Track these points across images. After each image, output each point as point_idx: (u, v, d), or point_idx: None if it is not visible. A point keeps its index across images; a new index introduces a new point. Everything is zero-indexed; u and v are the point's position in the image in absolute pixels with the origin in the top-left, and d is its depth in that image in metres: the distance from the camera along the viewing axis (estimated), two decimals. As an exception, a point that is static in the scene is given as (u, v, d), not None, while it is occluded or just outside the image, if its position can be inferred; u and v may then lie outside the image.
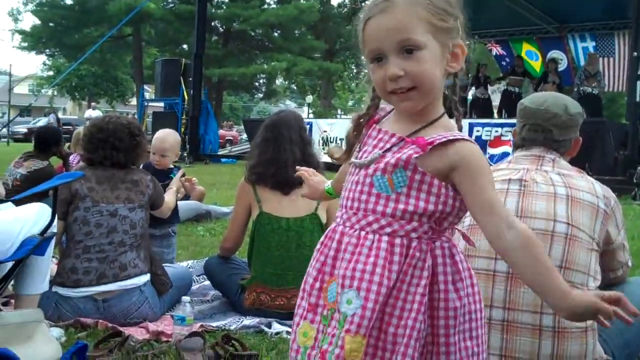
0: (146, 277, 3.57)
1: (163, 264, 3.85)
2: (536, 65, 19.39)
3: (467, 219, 2.44)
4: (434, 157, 1.58)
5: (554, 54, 19.18)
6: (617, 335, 2.40)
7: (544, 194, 2.38)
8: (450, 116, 1.70)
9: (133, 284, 3.51)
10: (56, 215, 3.15)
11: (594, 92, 14.67)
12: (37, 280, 3.13)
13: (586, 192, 2.39)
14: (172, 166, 5.02)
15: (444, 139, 1.58)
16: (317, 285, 1.67)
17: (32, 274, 3.10)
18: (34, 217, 3.06)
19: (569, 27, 19.52)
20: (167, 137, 4.94)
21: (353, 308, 1.57)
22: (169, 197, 4.12)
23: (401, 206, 1.60)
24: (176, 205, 4.35)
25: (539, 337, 2.19)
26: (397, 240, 1.59)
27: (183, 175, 4.63)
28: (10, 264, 3.00)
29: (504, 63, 20.73)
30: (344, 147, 1.81)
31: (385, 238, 1.60)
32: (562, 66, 18.64)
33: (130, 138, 3.72)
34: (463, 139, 1.60)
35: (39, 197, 3.43)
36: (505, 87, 17.05)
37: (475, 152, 1.61)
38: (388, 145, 1.64)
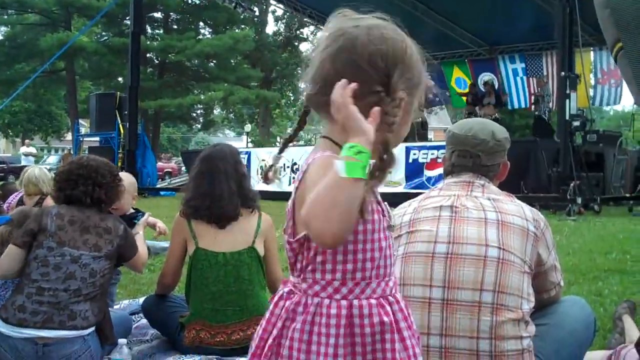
0: (92, 328, 3.43)
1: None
2: (463, 93, 19.77)
3: (402, 247, 2.47)
4: None
5: (486, 76, 19.65)
6: (554, 354, 2.44)
7: (475, 219, 2.42)
8: None
9: (78, 333, 3.37)
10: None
11: (542, 115, 15.30)
12: None
13: (516, 215, 2.44)
14: (132, 210, 4.71)
15: None
16: None
17: None
18: None
19: (499, 49, 20.04)
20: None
21: None
22: (141, 247, 3.86)
23: None
24: None
25: (477, 362, 2.22)
26: None
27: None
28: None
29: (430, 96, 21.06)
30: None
31: None
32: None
33: (112, 176, 3.64)
34: None
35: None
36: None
37: None
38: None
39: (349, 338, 1.49)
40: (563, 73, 11.95)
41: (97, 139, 21.61)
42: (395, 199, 2.73)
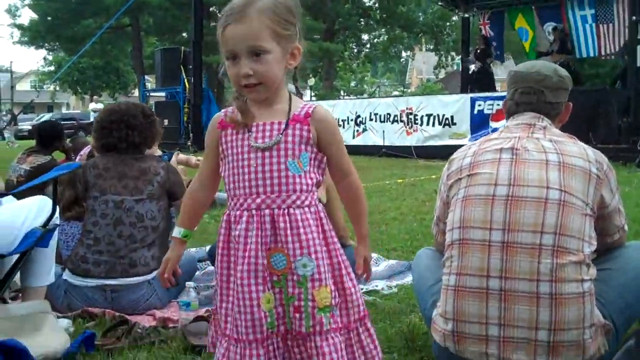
0: (155, 272, 3.49)
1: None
2: (525, 45, 19.21)
3: (462, 191, 2.46)
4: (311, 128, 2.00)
5: (549, 25, 19.06)
6: (617, 298, 2.40)
7: (536, 161, 2.39)
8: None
9: (142, 279, 3.48)
10: (57, 207, 3.18)
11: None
12: (42, 272, 3.17)
13: (578, 157, 2.40)
14: (159, 153, 4.78)
15: (309, 108, 2.03)
16: (259, 261, 1.96)
17: (37, 266, 3.13)
18: (36, 209, 3.08)
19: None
20: None
21: (310, 269, 1.97)
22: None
23: (309, 181, 2.00)
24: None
25: (537, 305, 2.21)
26: (313, 209, 2.00)
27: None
28: (14, 258, 3.03)
29: (494, 44, 20.52)
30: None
31: (310, 210, 1.99)
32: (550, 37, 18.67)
33: (144, 117, 3.67)
34: (316, 105, 2.08)
35: (40, 191, 3.45)
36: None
37: (329, 113, 2.11)
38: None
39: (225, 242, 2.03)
40: (634, 17, 11.50)
41: (163, 94, 21.90)
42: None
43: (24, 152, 6.76)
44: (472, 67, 17.88)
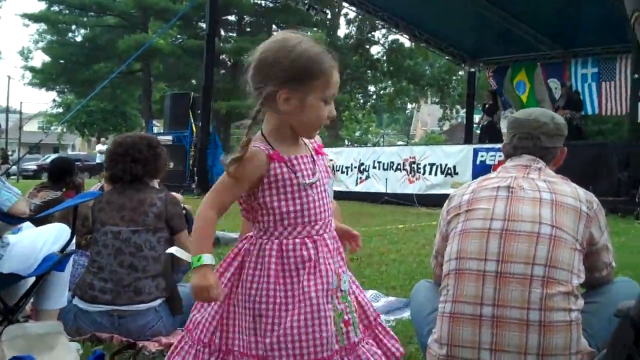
0: (161, 299, 3.59)
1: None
2: (523, 97, 19.63)
3: (460, 225, 2.62)
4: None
5: (552, 82, 19.46)
6: (603, 330, 2.52)
7: (530, 198, 2.54)
8: None
9: (148, 306, 3.56)
10: (75, 234, 3.33)
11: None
12: (56, 295, 3.30)
13: (570, 196, 2.56)
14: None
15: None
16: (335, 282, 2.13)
17: (52, 289, 3.27)
18: (54, 235, 3.24)
19: (573, 52, 19.65)
20: None
21: (348, 284, 2.20)
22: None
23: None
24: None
25: (526, 331, 2.33)
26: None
27: None
28: (32, 280, 3.17)
29: (503, 98, 20.99)
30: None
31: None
32: (556, 94, 19.09)
33: (149, 149, 3.74)
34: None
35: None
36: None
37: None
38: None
39: (280, 265, 2.08)
40: (637, 75, 11.77)
41: (170, 137, 22.11)
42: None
43: (35, 188, 6.89)
44: (483, 122, 18.26)
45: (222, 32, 37.20)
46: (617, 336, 1.35)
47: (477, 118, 18.44)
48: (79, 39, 38.41)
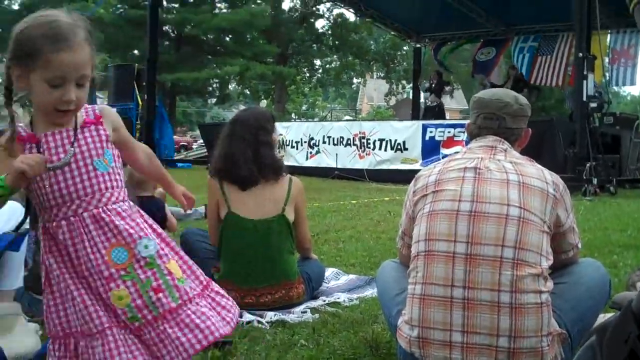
0: None
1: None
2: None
3: (427, 206, 2.60)
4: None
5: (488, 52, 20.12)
6: (571, 310, 2.56)
7: (498, 180, 2.54)
8: None
9: None
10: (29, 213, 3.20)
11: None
12: (12, 275, 3.19)
13: (536, 178, 2.57)
14: None
15: (95, 107, 2.20)
16: (100, 262, 2.02)
17: (7, 269, 3.16)
18: (6, 214, 3.11)
19: (516, 29, 19.96)
20: None
21: (153, 248, 2.08)
22: None
23: (118, 176, 2.14)
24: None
25: (498, 313, 2.34)
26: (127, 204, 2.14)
27: None
28: (-16, 261, 3.06)
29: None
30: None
31: (126, 203, 2.13)
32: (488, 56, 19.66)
33: None
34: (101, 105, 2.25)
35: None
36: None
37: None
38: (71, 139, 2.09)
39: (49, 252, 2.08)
40: (581, 54, 11.94)
41: (115, 110, 21.67)
42: (412, 175, 2.89)
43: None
44: (428, 102, 18.52)
45: (165, 2, 36.50)
46: (616, 331, 1.33)
47: (428, 102, 18.75)
48: (15, 7, 37.18)
